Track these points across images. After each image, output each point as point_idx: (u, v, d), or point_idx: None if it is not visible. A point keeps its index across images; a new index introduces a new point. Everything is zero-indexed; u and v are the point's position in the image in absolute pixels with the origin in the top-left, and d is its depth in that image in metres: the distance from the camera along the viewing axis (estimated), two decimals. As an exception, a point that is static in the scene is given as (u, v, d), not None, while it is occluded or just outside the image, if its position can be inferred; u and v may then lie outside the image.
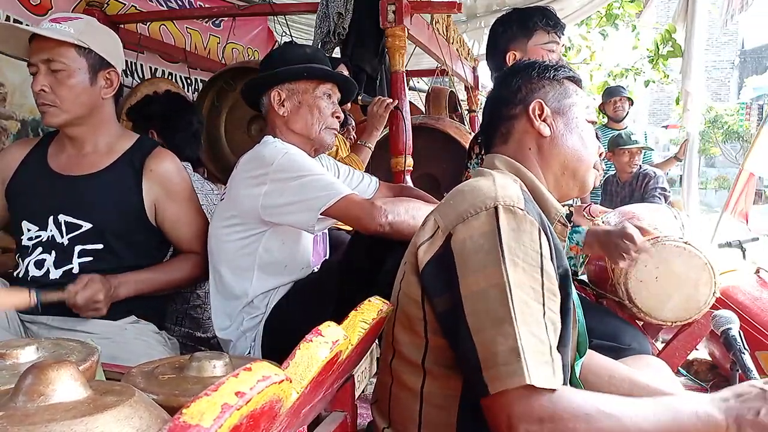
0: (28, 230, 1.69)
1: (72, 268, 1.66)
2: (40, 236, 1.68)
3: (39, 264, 1.67)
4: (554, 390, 0.90)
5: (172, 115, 2.42)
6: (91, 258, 1.67)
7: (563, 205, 1.24)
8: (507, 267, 0.96)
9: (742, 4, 4.37)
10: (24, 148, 1.78)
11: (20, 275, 1.69)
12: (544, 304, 0.97)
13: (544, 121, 1.22)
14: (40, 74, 1.61)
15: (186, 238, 1.81)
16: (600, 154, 1.27)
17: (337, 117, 1.82)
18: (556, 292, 1.00)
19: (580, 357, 1.26)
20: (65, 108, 1.63)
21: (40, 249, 1.67)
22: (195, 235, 1.81)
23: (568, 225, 1.22)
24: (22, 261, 1.69)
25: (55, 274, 1.66)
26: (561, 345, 1.02)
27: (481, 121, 1.53)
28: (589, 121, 1.26)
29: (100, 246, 1.67)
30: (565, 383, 1.05)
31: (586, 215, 2.12)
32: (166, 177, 1.76)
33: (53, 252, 1.67)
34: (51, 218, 1.67)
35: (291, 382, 0.68)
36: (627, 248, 1.75)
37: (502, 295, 0.95)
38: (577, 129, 1.23)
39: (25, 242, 1.69)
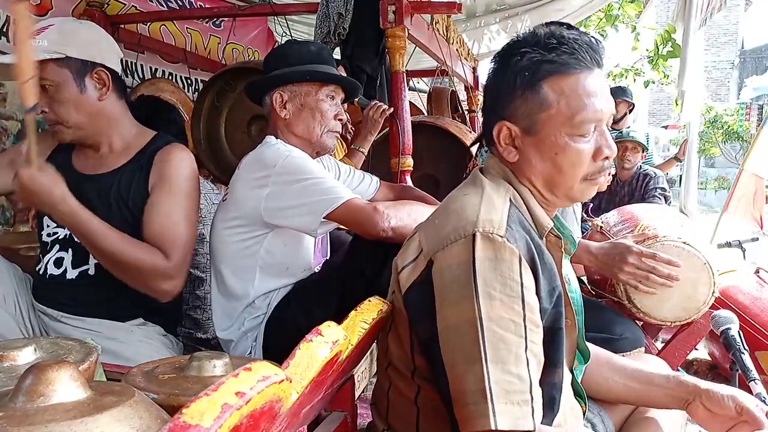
0: (48, 226, 1.70)
1: (88, 269, 1.66)
2: (56, 233, 1.68)
3: (58, 262, 1.67)
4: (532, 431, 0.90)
5: (154, 117, 2.40)
6: None
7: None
8: (480, 301, 0.92)
9: (720, 4, 4.37)
10: (51, 143, 1.74)
11: (41, 272, 1.69)
12: (526, 338, 0.93)
13: (512, 142, 1.08)
14: (38, 95, 1.56)
15: (156, 231, 1.57)
16: (606, 158, 1.08)
17: (340, 119, 1.81)
18: (538, 322, 0.96)
19: (585, 362, 1.25)
20: (69, 124, 1.61)
21: (57, 246, 1.68)
22: (169, 236, 1.58)
23: (561, 236, 1.13)
24: (43, 257, 1.70)
25: (72, 274, 1.66)
26: (552, 365, 1.00)
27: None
28: (578, 135, 1.04)
29: None
30: (558, 402, 1.05)
31: (585, 215, 2.12)
32: (166, 165, 1.67)
33: (70, 250, 1.67)
34: None
35: (291, 382, 0.68)
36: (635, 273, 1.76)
37: (474, 331, 0.92)
38: (549, 153, 1.05)
39: (44, 238, 1.70)
